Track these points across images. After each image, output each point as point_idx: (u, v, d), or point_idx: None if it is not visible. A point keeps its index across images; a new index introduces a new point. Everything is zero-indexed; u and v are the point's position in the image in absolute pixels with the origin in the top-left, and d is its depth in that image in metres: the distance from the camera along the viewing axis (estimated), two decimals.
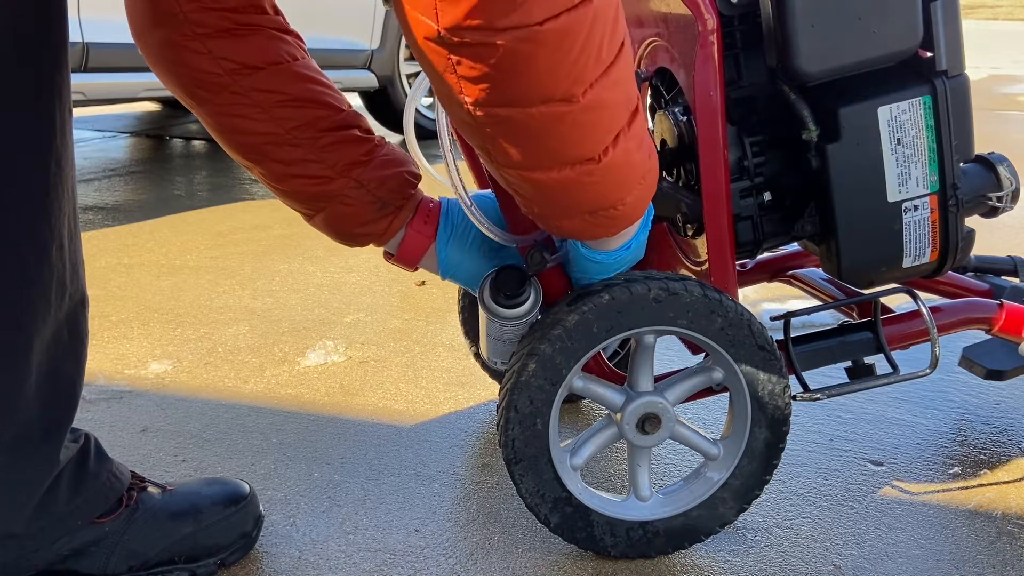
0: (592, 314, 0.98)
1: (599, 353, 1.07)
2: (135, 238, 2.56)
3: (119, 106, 5.09)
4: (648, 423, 1.04)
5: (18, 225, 0.88)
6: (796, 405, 1.18)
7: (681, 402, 1.08)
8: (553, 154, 0.81)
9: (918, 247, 1.08)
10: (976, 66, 7.38)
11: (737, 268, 1.14)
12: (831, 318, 1.72)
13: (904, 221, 1.06)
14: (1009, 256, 1.45)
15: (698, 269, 1.15)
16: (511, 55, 0.71)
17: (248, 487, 1.10)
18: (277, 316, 1.91)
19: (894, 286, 1.16)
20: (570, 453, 1.06)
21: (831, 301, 1.30)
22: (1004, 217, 1.19)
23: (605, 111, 0.80)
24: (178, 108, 4.92)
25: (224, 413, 1.46)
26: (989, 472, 1.26)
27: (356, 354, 1.70)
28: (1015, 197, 1.14)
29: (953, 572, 1.05)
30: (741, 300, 1.06)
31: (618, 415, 1.05)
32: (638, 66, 1.19)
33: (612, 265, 1.01)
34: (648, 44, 1.16)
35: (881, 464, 1.29)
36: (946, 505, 1.19)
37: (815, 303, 1.29)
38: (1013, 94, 5.96)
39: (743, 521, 1.14)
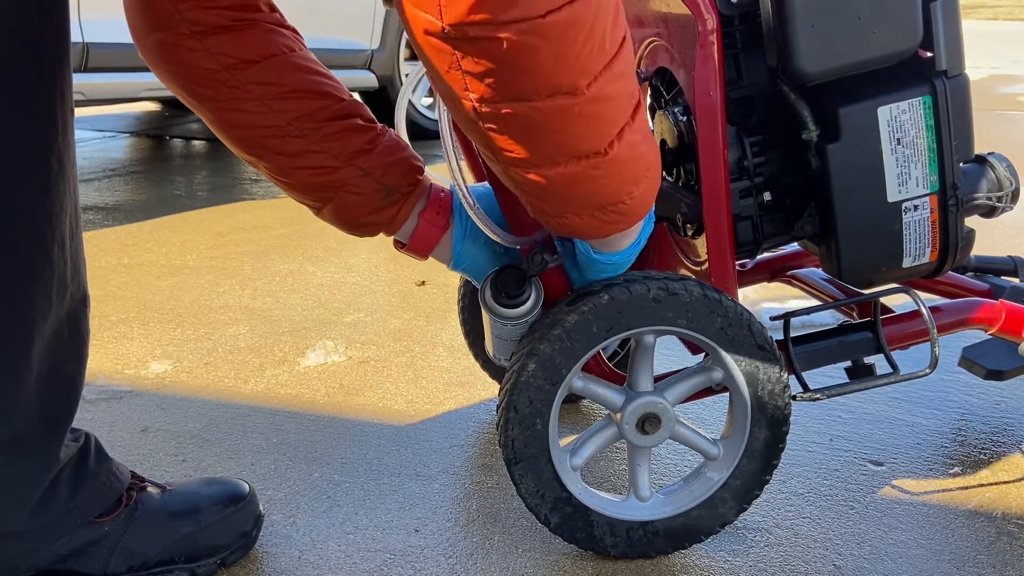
0: (592, 314, 0.98)
1: (599, 353, 1.07)
2: (135, 238, 2.56)
3: (119, 106, 5.09)
4: (648, 423, 1.04)
5: (20, 223, 0.88)
6: (796, 405, 1.18)
7: (681, 402, 1.08)
8: (560, 148, 0.81)
9: (918, 247, 1.08)
10: (976, 66, 7.38)
11: (737, 268, 1.14)
12: (831, 318, 1.72)
13: (904, 221, 1.06)
14: (1009, 256, 1.45)
15: (698, 269, 1.15)
16: (516, 49, 0.71)
17: (248, 487, 1.10)
18: (277, 316, 1.91)
19: (894, 286, 1.16)
20: (570, 453, 1.06)
21: (831, 301, 1.30)
22: (1004, 217, 1.19)
23: (610, 103, 0.80)
24: (178, 108, 4.92)
25: (224, 413, 1.46)
26: (989, 472, 1.26)
27: (356, 354, 1.70)
28: (1015, 197, 1.14)
29: (953, 572, 1.05)
30: (741, 300, 1.06)
31: (618, 415, 1.05)
32: (638, 66, 1.19)
33: (624, 264, 1.01)
34: (648, 44, 1.16)
35: (881, 464, 1.29)
36: (946, 505, 1.19)
37: (815, 303, 1.29)
38: (1013, 94, 5.96)
39: (743, 521, 1.14)
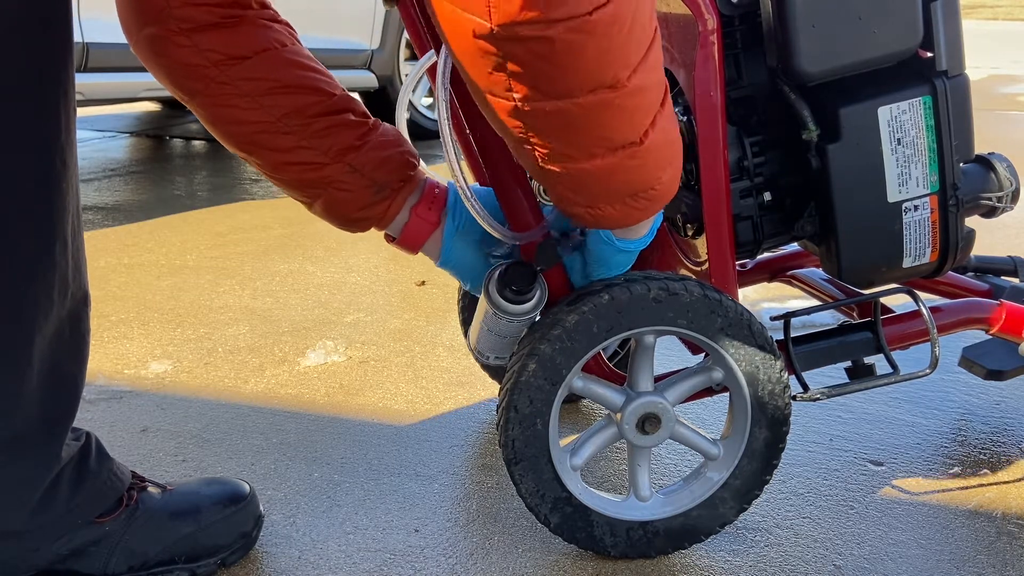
0: (592, 314, 0.98)
1: (599, 353, 1.07)
2: (135, 238, 2.56)
3: (119, 106, 5.09)
4: (648, 423, 1.04)
5: (23, 222, 0.89)
6: (796, 405, 1.18)
7: (681, 402, 1.08)
8: (599, 141, 0.82)
9: (918, 247, 1.08)
10: (976, 66, 7.38)
11: (737, 268, 1.14)
12: (831, 318, 1.72)
13: (904, 221, 1.06)
14: (1009, 256, 1.45)
15: (698, 269, 1.15)
16: (564, 47, 0.72)
17: (248, 487, 1.10)
18: (277, 316, 1.91)
19: (894, 286, 1.16)
20: (570, 453, 1.06)
21: (831, 301, 1.30)
22: (1004, 217, 1.19)
23: (646, 94, 0.81)
24: (178, 108, 4.92)
25: (224, 413, 1.46)
26: (989, 472, 1.26)
27: (356, 354, 1.70)
28: (1015, 197, 1.14)
29: (953, 572, 1.05)
30: (741, 300, 1.06)
31: (618, 415, 1.05)
32: None
33: (638, 252, 1.02)
34: None
35: (881, 464, 1.29)
36: (946, 505, 1.19)
37: (815, 303, 1.29)
38: (1013, 94, 5.96)
39: (743, 521, 1.14)
